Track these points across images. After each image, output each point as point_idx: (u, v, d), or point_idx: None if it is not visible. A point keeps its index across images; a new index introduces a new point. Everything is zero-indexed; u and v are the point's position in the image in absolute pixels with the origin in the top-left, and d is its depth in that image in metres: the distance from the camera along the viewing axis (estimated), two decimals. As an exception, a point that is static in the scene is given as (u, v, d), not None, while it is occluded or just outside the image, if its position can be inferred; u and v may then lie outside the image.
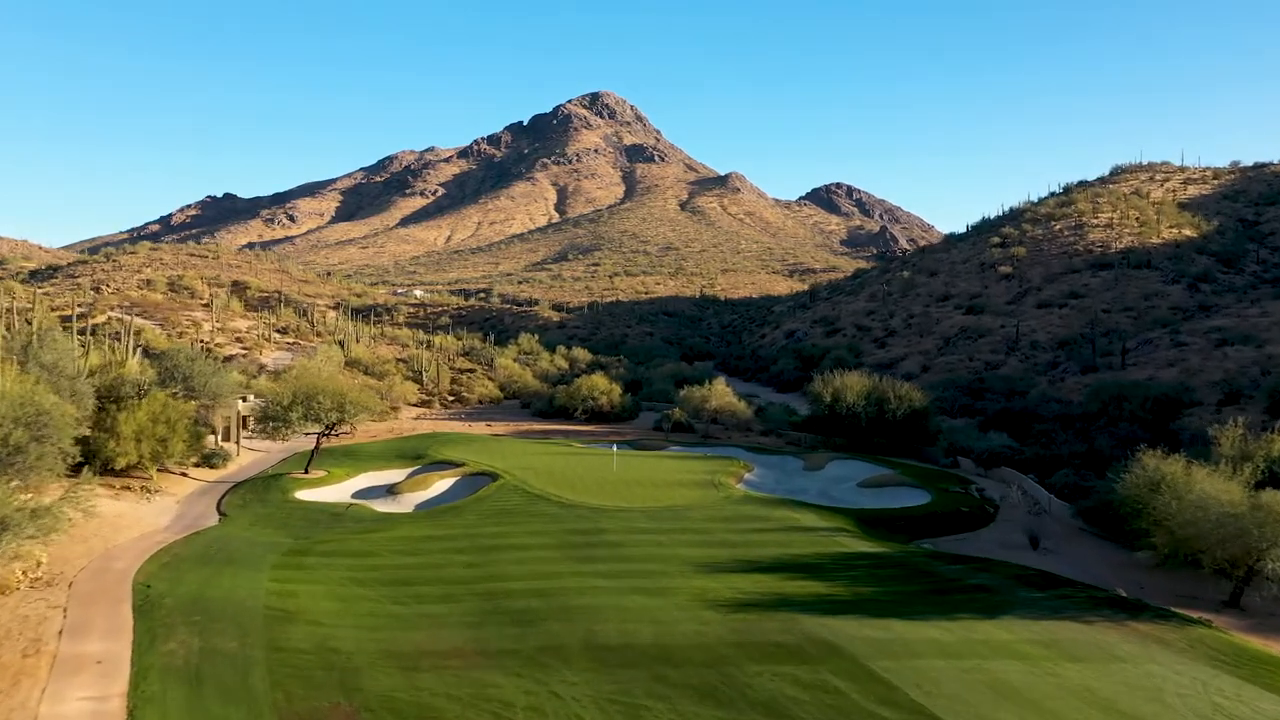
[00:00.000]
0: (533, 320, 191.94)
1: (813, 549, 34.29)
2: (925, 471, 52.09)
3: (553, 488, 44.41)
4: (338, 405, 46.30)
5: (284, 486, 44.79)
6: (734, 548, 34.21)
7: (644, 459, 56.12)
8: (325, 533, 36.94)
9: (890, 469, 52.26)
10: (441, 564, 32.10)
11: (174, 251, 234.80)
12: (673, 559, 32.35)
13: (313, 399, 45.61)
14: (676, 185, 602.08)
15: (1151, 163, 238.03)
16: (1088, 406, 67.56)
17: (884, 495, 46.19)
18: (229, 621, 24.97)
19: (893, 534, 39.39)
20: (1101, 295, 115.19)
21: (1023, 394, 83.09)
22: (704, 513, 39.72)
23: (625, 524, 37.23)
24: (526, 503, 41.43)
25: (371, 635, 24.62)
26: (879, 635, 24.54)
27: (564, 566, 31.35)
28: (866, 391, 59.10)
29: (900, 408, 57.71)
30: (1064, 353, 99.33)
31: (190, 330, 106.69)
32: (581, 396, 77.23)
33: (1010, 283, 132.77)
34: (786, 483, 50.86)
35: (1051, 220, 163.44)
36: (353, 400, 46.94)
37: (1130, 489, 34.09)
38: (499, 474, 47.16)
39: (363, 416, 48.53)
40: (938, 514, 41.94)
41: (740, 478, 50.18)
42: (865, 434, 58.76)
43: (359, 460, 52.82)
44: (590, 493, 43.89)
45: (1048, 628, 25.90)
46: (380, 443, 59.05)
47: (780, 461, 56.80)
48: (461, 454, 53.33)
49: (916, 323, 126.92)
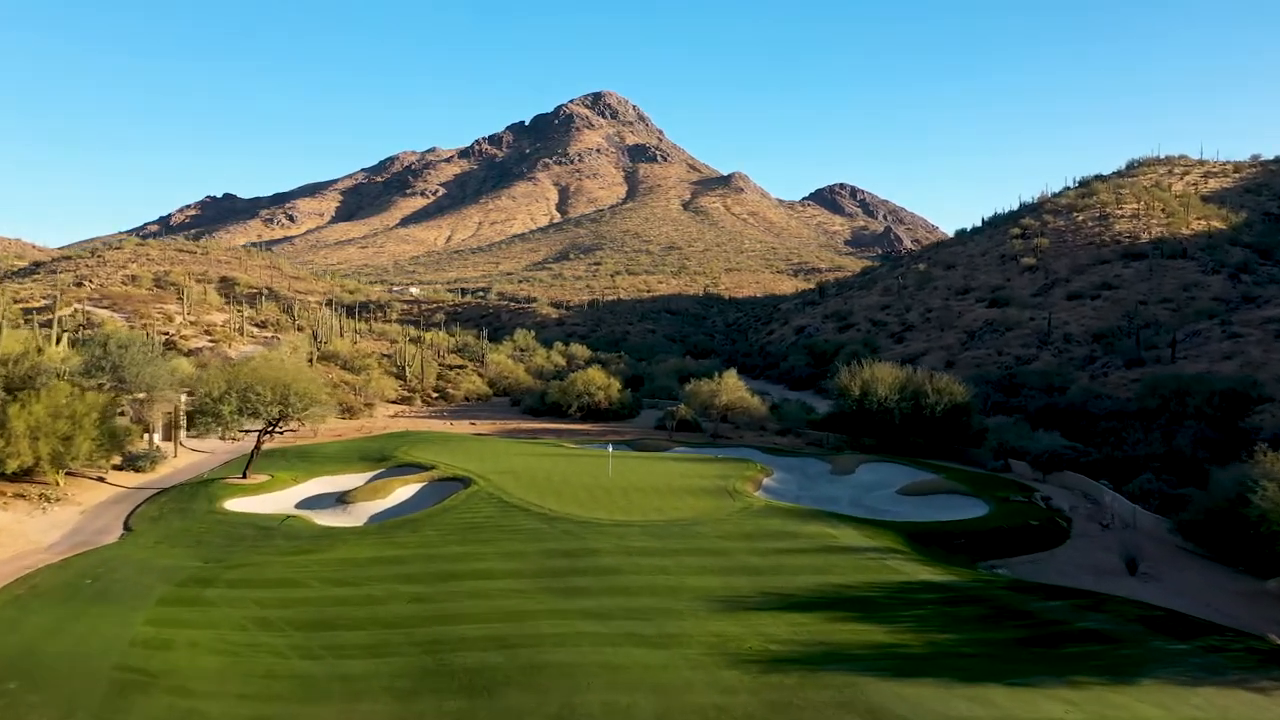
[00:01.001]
0: (530, 317, 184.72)
1: (860, 576, 26.85)
2: (974, 476, 44.56)
3: (535, 496, 36.99)
4: (280, 398, 38.89)
5: (214, 494, 37.42)
6: (759, 575, 26.79)
7: (645, 461, 48.70)
8: (245, 554, 29.55)
9: (933, 473, 44.78)
10: (381, 597, 24.71)
11: (161, 248, 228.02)
12: (681, 591, 24.94)
13: (249, 390, 38.22)
14: (679, 185, 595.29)
15: (1169, 156, 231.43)
16: (1145, 402, 59.97)
17: (932, 505, 38.70)
18: (55, 690, 17.61)
19: (951, 554, 31.92)
20: (1136, 286, 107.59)
21: (1061, 390, 75.65)
22: (718, 528, 32.26)
23: (621, 543, 29.81)
24: (501, 514, 34.00)
25: (256, 712, 17.27)
26: (980, 715, 17.10)
27: (538, 602, 23.95)
28: (900, 384, 51.61)
29: (940, 403, 50.23)
30: (1100, 346, 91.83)
31: (161, 323, 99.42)
32: (576, 392, 69.82)
33: (1035, 274, 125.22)
34: (812, 489, 43.38)
35: (1074, 211, 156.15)
36: (300, 392, 39.50)
37: (1274, 502, 26.53)
38: (473, 479, 39.76)
39: (315, 411, 41.09)
40: (1003, 529, 34.45)
41: (758, 483, 42.69)
42: (899, 433, 51.28)
43: (313, 463, 45.46)
44: (579, 502, 36.47)
45: (1211, 699, 18.42)
46: (342, 443, 51.72)
47: (802, 464, 49.33)
48: (433, 455, 45.95)
49: (936, 316, 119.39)
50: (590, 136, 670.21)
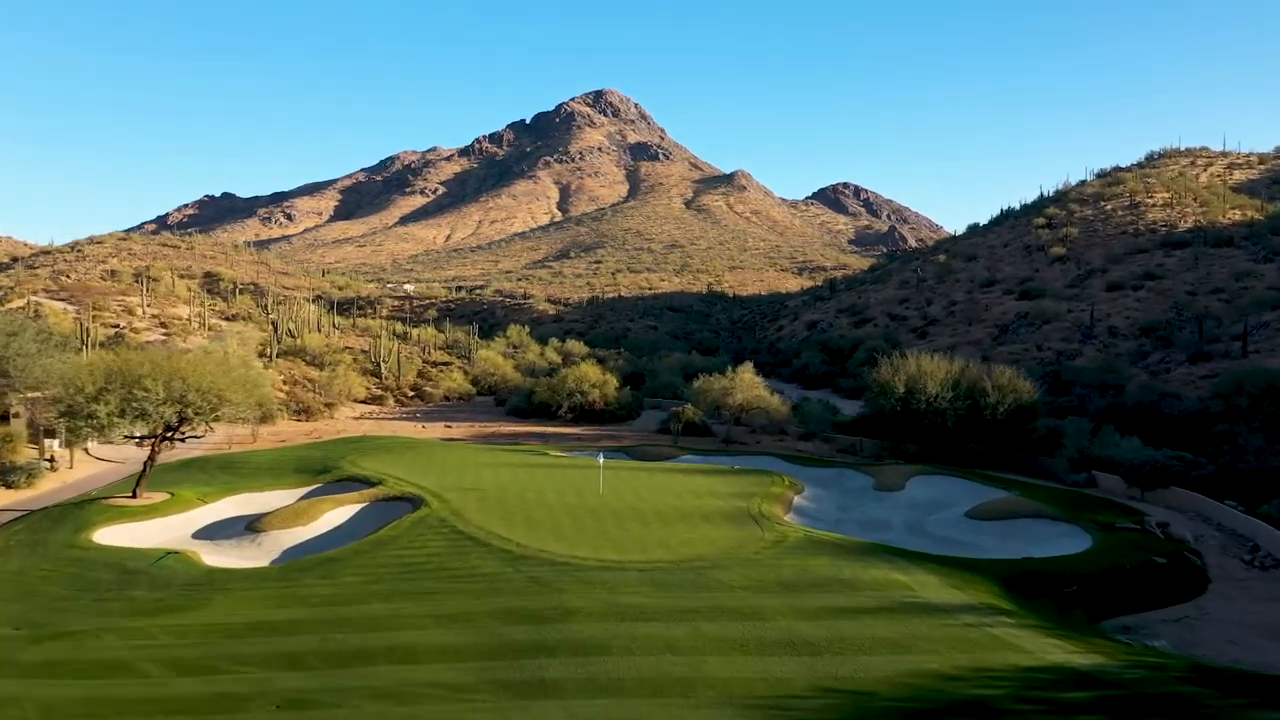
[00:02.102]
0: (527, 314, 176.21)
1: (962, 656, 18.17)
2: (1055, 494, 35.88)
3: (500, 523, 28.34)
4: (175, 396, 30.25)
5: (84, 521, 28.84)
6: (813, 654, 18.12)
7: (645, 474, 40.01)
8: (82, 614, 20.99)
9: (1001, 488, 36.11)
10: (241, 698, 16.03)
11: (145, 243, 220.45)
12: (698, 686, 16.30)
13: (135, 386, 29.58)
14: (681, 184, 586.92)
15: (1190, 148, 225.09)
16: (1233, 401, 51.24)
17: (1016, 534, 30.02)
18: None
19: (1064, 610, 23.29)
20: (1181, 276, 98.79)
21: (1117, 388, 66.96)
22: (746, 574, 23.56)
23: (610, 599, 21.16)
24: (451, 551, 25.37)
25: None
26: None
27: (480, 709, 15.34)
28: (953, 380, 42.89)
29: (1002, 402, 41.51)
30: (1151, 340, 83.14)
31: (118, 316, 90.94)
32: (567, 390, 61.13)
33: (1066, 265, 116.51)
34: (856, 510, 34.71)
35: (1101, 200, 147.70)
36: (202, 388, 30.83)
37: None
38: (425, 499, 31.15)
39: (228, 413, 32.45)
40: (1123, 570, 25.80)
41: (788, 503, 34.02)
42: (952, 439, 42.59)
43: (237, 475, 36.91)
44: (558, 533, 27.82)
45: None
46: (279, 450, 43.13)
47: (837, 477, 40.64)
48: (384, 467, 37.36)
49: (961, 310, 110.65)
50: (591, 135, 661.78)
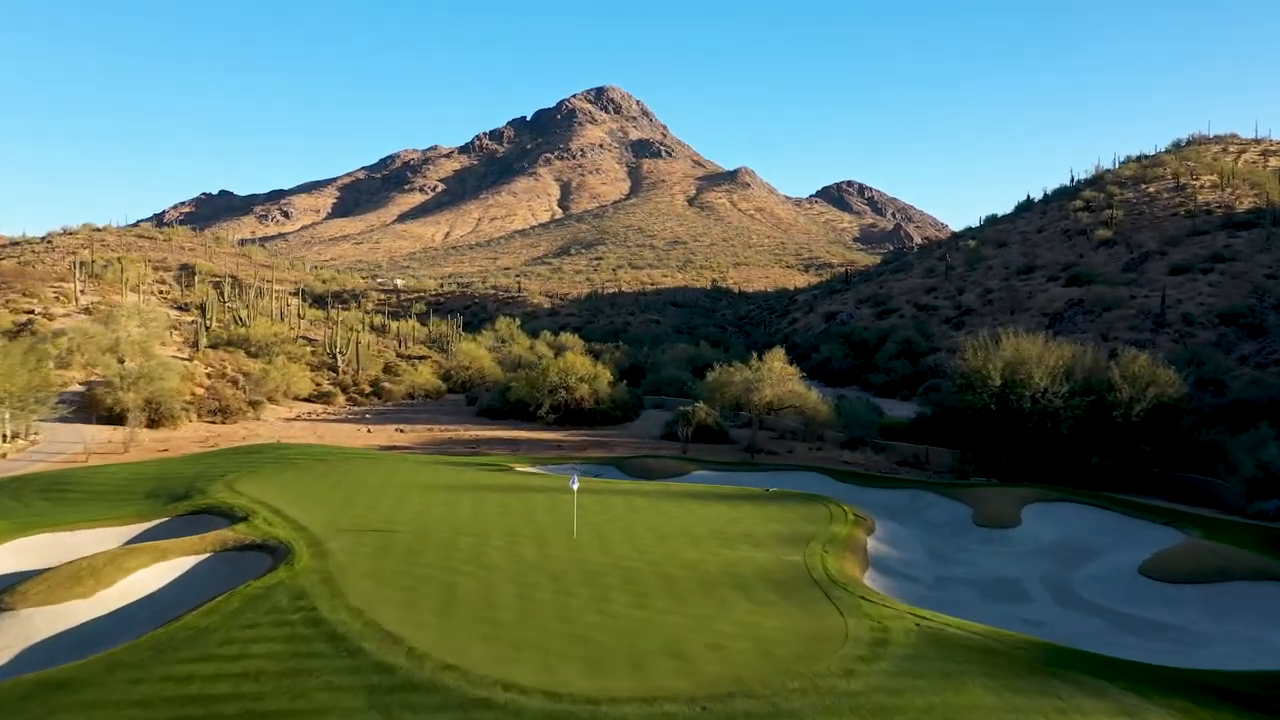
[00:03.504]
0: (519, 307, 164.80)
1: None
2: (1249, 532, 24.38)
3: (392, 603, 16.63)
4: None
5: None
6: None
7: (644, 503, 28.35)
8: None
9: (1165, 523, 24.61)
10: None
11: (119, 234, 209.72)
12: None
13: None
14: (684, 181, 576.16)
15: (1219, 135, 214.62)
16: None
17: (1238, 609, 18.55)
18: None
19: None
20: (1256, 258, 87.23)
21: (1216, 382, 55.71)
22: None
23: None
24: (284, 670, 13.75)
25: None
26: None
27: None
28: (1066, 370, 31.34)
29: (1139, 399, 29.98)
30: (1234, 329, 71.79)
31: (46, 302, 79.80)
32: (549, 386, 49.49)
33: (1115, 249, 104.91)
34: (962, 561, 23.19)
35: (1141, 183, 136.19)
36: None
37: None
38: (294, 549, 19.65)
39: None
40: None
41: (861, 551, 22.46)
42: (1066, 448, 31.00)
43: (59, 503, 25.57)
44: (489, 624, 16.11)
45: None
46: (144, 465, 31.60)
47: (911, 503, 29.09)
48: (270, 492, 25.95)
49: (998, 298, 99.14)
50: (593, 132, 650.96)
